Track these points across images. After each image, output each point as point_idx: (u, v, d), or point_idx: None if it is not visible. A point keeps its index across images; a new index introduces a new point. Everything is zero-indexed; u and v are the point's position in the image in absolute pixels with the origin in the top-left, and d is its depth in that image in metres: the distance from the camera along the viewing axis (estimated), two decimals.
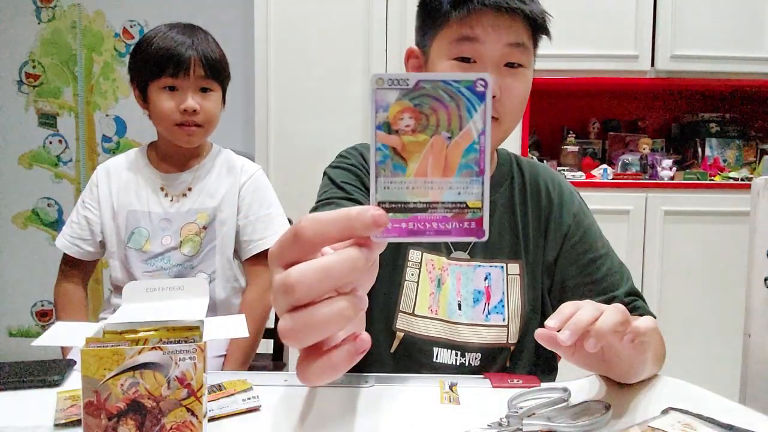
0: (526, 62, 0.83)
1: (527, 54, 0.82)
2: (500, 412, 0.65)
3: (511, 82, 0.82)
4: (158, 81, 1.21)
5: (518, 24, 0.80)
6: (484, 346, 0.89)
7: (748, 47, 2.31)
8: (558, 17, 2.47)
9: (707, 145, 2.53)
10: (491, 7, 0.78)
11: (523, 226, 0.91)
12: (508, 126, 0.86)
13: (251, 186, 1.31)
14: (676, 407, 0.63)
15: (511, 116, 0.85)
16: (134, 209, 1.27)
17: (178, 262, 1.25)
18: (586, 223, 0.93)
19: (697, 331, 2.30)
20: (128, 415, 0.52)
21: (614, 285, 0.89)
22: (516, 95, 0.83)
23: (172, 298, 0.68)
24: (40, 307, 3.02)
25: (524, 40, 0.81)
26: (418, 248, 0.90)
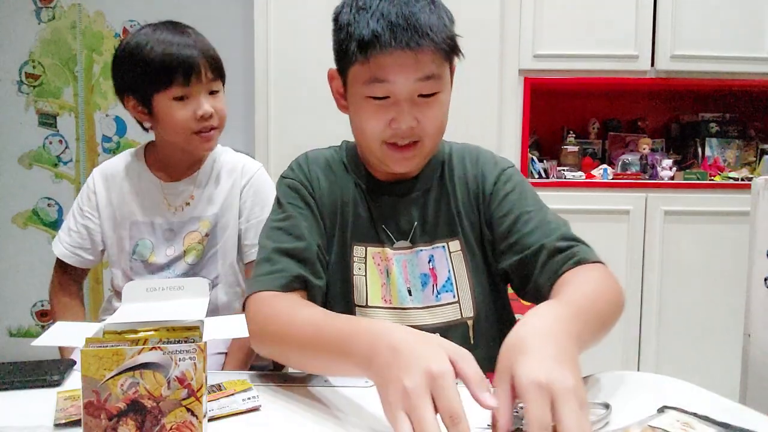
0: (440, 87, 0.85)
1: (440, 81, 0.84)
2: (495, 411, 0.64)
3: (428, 110, 0.85)
4: (167, 91, 1.13)
5: (426, 57, 0.81)
6: (439, 325, 0.91)
7: (748, 47, 2.31)
8: (558, 17, 2.49)
9: (707, 145, 2.53)
10: (395, 47, 0.79)
11: (455, 205, 0.94)
12: (431, 144, 0.89)
13: (252, 188, 1.27)
14: (671, 405, 0.64)
15: (433, 135, 0.88)
16: (137, 220, 1.24)
17: (182, 271, 1.24)
18: (509, 185, 0.94)
19: (697, 331, 2.30)
20: (128, 415, 0.52)
21: (545, 234, 0.87)
22: (433, 120, 0.86)
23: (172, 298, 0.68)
24: (40, 307, 3.02)
25: (434, 71, 0.82)
26: (361, 243, 0.93)
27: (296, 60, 2.33)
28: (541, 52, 2.31)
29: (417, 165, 0.92)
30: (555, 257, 0.84)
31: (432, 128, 0.86)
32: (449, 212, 0.94)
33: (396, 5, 0.80)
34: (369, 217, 0.94)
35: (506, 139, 2.33)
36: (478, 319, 0.93)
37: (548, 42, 2.30)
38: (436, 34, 0.80)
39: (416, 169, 0.94)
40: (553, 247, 0.84)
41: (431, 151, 0.91)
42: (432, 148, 0.91)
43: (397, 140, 0.86)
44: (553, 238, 0.85)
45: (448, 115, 0.90)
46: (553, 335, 0.57)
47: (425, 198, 0.94)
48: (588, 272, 0.80)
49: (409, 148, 0.87)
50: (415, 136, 0.86)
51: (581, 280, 0.78)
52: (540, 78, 2.33)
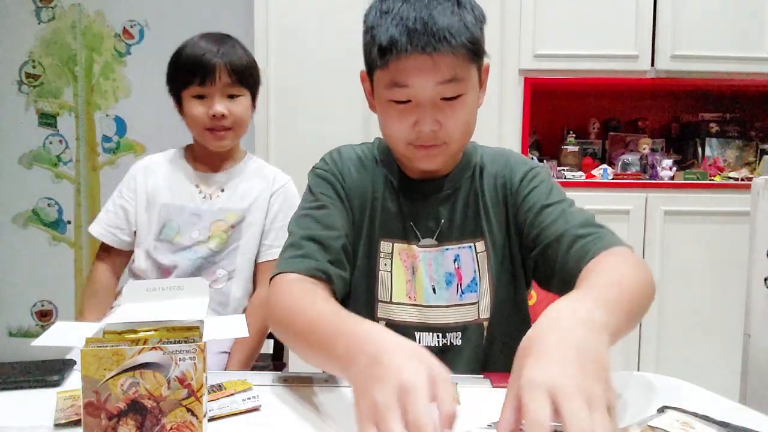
0: (464, 90, 0.84)
1: (463, 83, 0.83)
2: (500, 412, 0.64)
3: (450, 113, 0.84)
4: (188, 89, 1.28)
5: (446, 60, 0.80)
6: (461, 324, 0.92)
7: (748, 47, 2.31)
8: (558, 17, 2.49)
9: (707, 145, 2.53)
10: (412, 51, 0.79)
11: (484, 206, 0.94)
12: (457, 145, 0.90)
13: (282, 195, 1.38)
14: (671, 405, 0.64)
15: (458, 137, 0.88)
16: (167, 203, 1.32)
17: (202, 255, 1.29)
18: (534, 181, 0.93)
19: (697, 331, 2.30)
20: (128, 415, 0.52)
21: (566, 222, 0.85)
22: (458, 122, 0.86)
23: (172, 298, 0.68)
24: (40, 307, 3.02)
25: (455, 74, 0.81)
26: (389, 239, 0.94)
27: (296, 60, 2.33)
28: (541, 52, 2.31)
29: (443, 163, 0.92)
30: (577, 243, 0.82)
31: (456, 131, 0.86)
32: (477, 212, 0.94)
33: (416, 9, 0.80)
34: (398, 213, 0.95)
35: (506, 139, 2.33)
36: (494, 321, 0.93)
37: (548, 42, 2.31)
38: (455, 36, 0.79)
39: (443, 166, 0.94)
40: (575, 234, 0.83)
41: (458, 150, 0.93)
42: (459, 149, 0.92)
43: (421, 142, 0.87)
44: (574, 225, 0.84)
45: (476, 115, 0.89)
46: (568, 332, 0.53)
47: (454, 197, 0.95)
48: (614, 257, 0.77)
49: (434, 147, 0.87)
50: (438, 140, 0.86)
51: (608, 267, 0.74)
52: (540, 78, 2.33)
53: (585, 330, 0.54)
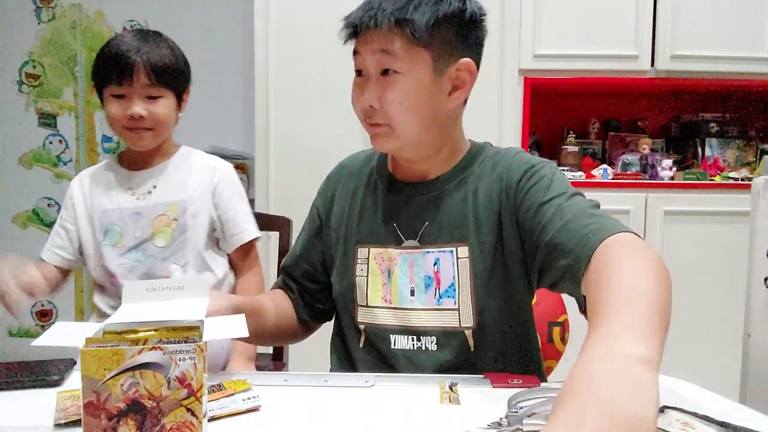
0: (399, 67, 0.86)
1: (397, 60, 0.85)
2: (500, 412, 0.65)
3: (387, 89, 0.87)
4: (108, 88, 1.25)
5: (384, 33, 0.85)
6: (438, 329, 0.91)
7: (748, 47, 2.31)
8: (558, 17, 2.48)
9: (707, 145, 2.53)
10: (366, 24, 0.86)
11: (474, 211, 0.91)
12: (405, 131, 0.89)
13: (226, 182, 1.35)
14: (671, 405, 0.64)
15: (398, 120, 0.88)
16: (106, 208, 1.30)
17: (151, 254, 1.28)
18: (534, 179, 0.88)
19: (697, 331, 2.30)
20: (128, 415, 0.52)
21: (562, 217, 0.80)
22: (392, 102, 0.86)
23: (172, 298, 0.68)
24: (40, 307, 3.02)
25: (388, 48, 0.85)
26: (365, 245, 0.96)
27: (296, 60, 2.33)
28: (541, 52, 2.31)
29: (393, 147, 0.92)
30: (573, 239, 0.75)
31: (394, 112, 0.87)
32: (464, 217, 0.92)
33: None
34: (382, 216, 0.96)
35: (506, 139, 2.33)
36: (482, 330, 0.89)
37: (548, 42, 2.30)
38: (393, 14, 0.84)
39: (394, 152, 0.95)
40: (570, 229, 0.77)
41: (407, 136, 0.89)
42: (407, 136, 0.89)
43: (368, 119, 0.90)
44: (569, 219, 0.78)
45: (425, 103, 0.88)
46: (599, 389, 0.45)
47: (440, 200, 0.94)
48: (620, 251, 0.71)
49: (378, 126, 0.89)
50: (378, 117, 0.88)
51: (620, 270, 0.68)
52: (540, 78, 2.33)
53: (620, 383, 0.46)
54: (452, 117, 0.93)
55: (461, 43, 0.88)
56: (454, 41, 0.87)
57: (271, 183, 2.31)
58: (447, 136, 0.94)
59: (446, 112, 0.91)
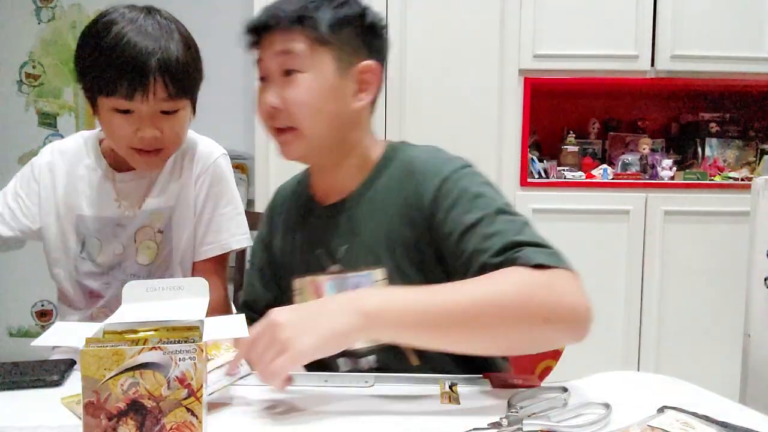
0: (304, 67, 0.84)
1: (297, 59, 0.84)
2: (500, 412, 0.65)
3: (286, 91, 0.85)
4: (108, 99, 0.96)
5: (292, 34, 0.84)
6: (374, 349, 0.88)
7: (748, 47, 2.31)
8: (558, 17, 2.49)
9: (707, 145, 2.53)
10: (263, 26, 0.86)
11: (387, 230, 0.86)
12: (311, 131, 0.86)
13: (207, 179, 1.12)
14: (671, 405, 0.64)
15: (307, 121, 0.85)
16: (83, 214, 1.10)
17: (132, 272, 1.10)
18: (451, 198, 0.81)
19: (697, 331, 2.30)
20: (128, 415, 0.52)
21: (485, 250, 0.75)
22: (294, 102, 0.85)
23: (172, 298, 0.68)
24: (40, 307, 3.02)
25: (293, 47, 0.84)
26: (299, 275, 0.95)
27: None
28: (541, 52, 2.30)
29: (301, 152, 0.89)
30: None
31: (298, 110, 0.85)
32: (377, 239, 0.87)
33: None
34: (309, 243, 0.93)
35: (506, 139, 2.33)
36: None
37: (548, 42, 2.30)
38: (289, 15, 0.84)
39: (302, 158, 0.92)
40: (492, 263, 0.74)
41: (313, 137, 0.86)
42: (314, 136, 0.86)
43: (272, 122, 0.88)
44: (491, 253, 0.74)
45: (331, 104, 0.86)
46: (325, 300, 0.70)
47: (355, 220, 0.90)
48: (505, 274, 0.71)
49: (288, 131, 0.87)
50: (285, 120, 0.86)
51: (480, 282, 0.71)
52: (540, 78, 2.33)
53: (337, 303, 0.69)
54: (358, 120, 0.90)
55: (364, 47, 0.88)
56: (357, 44, 0.87)
57: (271, 183, 2.31)
58: (354, 141, 0.91)
59: (351, 113, 0.88)
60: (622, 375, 0.82)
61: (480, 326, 0.69)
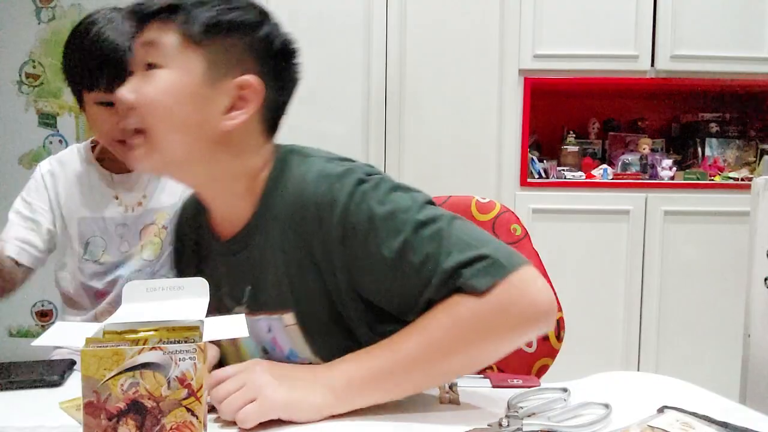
0: (165, 62, 0.74)
1: (165, 54, 0.74)
2: (500, 412, 0.65)
3: (144, 83, 0.74)
4: (91, 94, 1.01)
5: (163, 25, 0.75)
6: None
7: (748, 47, 2.31)
8: (558, 17, 2.49)
9: (707, 145, 2.53)
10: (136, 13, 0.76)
11: (287, 271, 0.78)
12: (162, 139, 0.75)
13: None
14: (671, 405, 0.64)
15: (158, 125, 0.74)
16: (84, 216, 1.12)
17: (137, 268, 1.12)
18: (359, 235, 0.72)
19: (697, 331, 2.30)
20: (128, 415, 0.52)
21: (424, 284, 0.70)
22: (146, 98, 0.73)
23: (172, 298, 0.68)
24: (40, 307, 3.02)
25: (159, 39, 0.74)
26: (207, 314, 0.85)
27: None
28: (541, 52, 2.31)
29: (154, 163, 0.78)
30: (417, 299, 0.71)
31: (150, 110, 0.74)
32: (277, 279, 0.78)
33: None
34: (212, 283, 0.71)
35: (506, 139, 2.33)
36: None
37: (548, 42, 2.30)
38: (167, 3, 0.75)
39: (156, 170, 0.83)
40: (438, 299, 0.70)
41: (163, 145, 0.75)
42: (167, 146, 0.76)
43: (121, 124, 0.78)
44: (433, 289, 0.69)
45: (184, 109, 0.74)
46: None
47: (254, 259, 0.80)
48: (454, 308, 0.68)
49: (134, 135, 0.76)
50: (132, 120, 0.75)
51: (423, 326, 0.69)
52: (540, 78, 2.33)
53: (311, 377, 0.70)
54: (229, 140, 0.77)
55: (250, 61, 0.77)
56: (240, 55, 0.76)
57: None
58: (229, 164, 0.78)
59: (222, 132, 0.76)
60: (622, 375, 0.82)
61: (444, 368, 0.69)
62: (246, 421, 0.64)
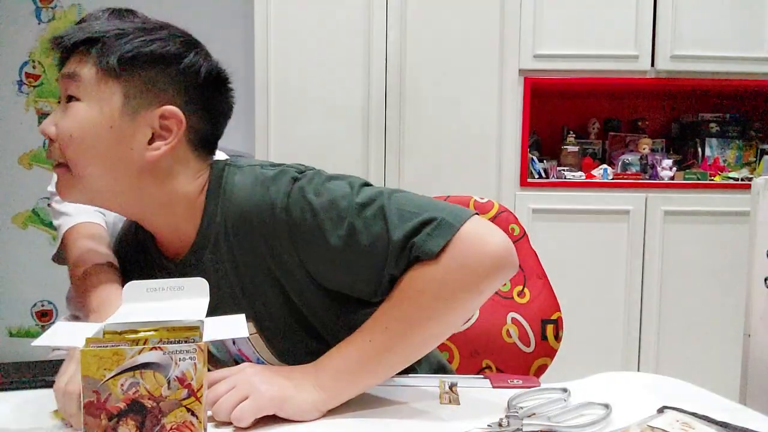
0: (84, 95, 0.73)
1: (83, 87, 0.73)
2: (500, 412, 0.65)
3: (62, 118, 0.74)
4: None
5: (83, 57, 0.74)
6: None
7: (748, 47, 2.31)
8: (558, 17, 2.49)
9: (707, 145, 2.53)
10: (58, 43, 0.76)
11: (241, 283, 0.78)
12: (83, 173, 0.74)
13: None
14: (670, 406, 0.64)
15: (76, 161, 0.74)
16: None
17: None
18: (304, 228, 0.73)
19: (697, 331, 2.30)
20: (128, 415, 0.52)
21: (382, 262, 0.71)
22: (65, 133, 0.73)
23: (172, 298, 0.68)
24: (40, 307, 3.02)
25: (78, 71, 0.74)
26: None
27: (296, 61, 2.33)
28: (541, 52, 2.31)
29: (79, 196, 0.78)
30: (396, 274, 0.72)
31: (67, 144, 0.73)
32: (233, 292, 0.79)
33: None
34: None
35: (506, 139, 2.33)
36: None
37: (548, 42, 2.30)
38: (91, 34, 0.74)
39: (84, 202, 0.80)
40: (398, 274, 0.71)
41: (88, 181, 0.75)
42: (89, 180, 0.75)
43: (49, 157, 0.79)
44: (392, 265, 0.70)
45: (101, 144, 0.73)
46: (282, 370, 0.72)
47: (207, 275, 0.75)
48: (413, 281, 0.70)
49: (58, 167, 0.76)
50: (56, 154, 0.75)
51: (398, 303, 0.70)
52: (540, 78, 2.33)
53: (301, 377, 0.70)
54: (166, 170, 0.76)
55: (175, 91, 0.76)
56: (161, 87, 0.75)
57: None
58: (167, 192, 0.77)
59: (145, 162, 0.75)
60: (622, 375, 0.82)
61: (422, 338, 0.71)
62: (241, 419, 0.64)
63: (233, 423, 0.64)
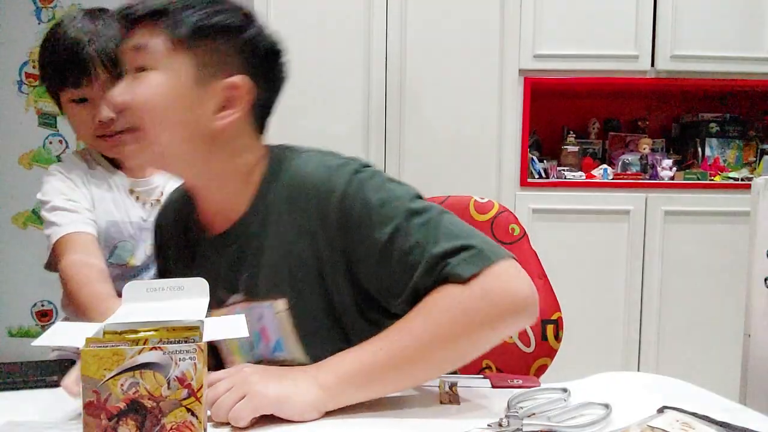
0: (155, 65, 0.76)
1: (155, 57, 0.76)
2: (500, 412, 0.65)
3: (137, 86, 0.77)
4: (63, 93, 1.04)
5: (149, 30, 0.77)
6: None
7: (748, 47, 2.31)
8: (558, 17, 2.49)
9: (707, 145, 2.53)
10: (125, 17, 0.78)
11: (286, 259, 0.80)
12: (156, 136, 0.77)
13: None
14: (670, 406, 0.64)
15: (152, 123, 0.77)
16: (114, 219, 1.09)
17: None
18: (354, 217, 0.75)
19: (697, 331, 2.30)
20: (128, 415, 0.52)
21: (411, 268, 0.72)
22: (141, 99, 0.76)
23: (172, 298, 0.68)
24: (40, 307, 3.02)
25: (147, 43, 0.76)
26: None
27: (296, 59, 2.32)
28: (541, 52, 2.31)
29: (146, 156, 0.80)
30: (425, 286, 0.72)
31: (144, 109, 0.76)
32: (274, 267, 0.80)
33: None
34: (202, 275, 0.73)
35: (506, 139, 2.33)
36: None
37: (548, 42, 2.30)
38: (154, 8, 0.76)
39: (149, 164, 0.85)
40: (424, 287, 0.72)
41: (160, 143, 0.78)
42: (161, 142, 0.78)
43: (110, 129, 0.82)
44: (420, 274, 0.72)
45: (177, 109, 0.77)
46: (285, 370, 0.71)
47: (251, 247, 0.82)
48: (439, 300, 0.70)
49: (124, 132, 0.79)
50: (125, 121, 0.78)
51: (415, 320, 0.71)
52: (540, 78, 2.33)
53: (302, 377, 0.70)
54: (224, 138, 0.80)
55: (238, 62, 0.79)
56: (226, 57, 0.78)
57: None
58: (226, 160, 0.81)
59: (214, 131, 0.78)
60: (622, 375, 0.82)
61: (432, 361, 0.71)
62: (239, 418, 0.64)
63: (231, 423, 0.64)
